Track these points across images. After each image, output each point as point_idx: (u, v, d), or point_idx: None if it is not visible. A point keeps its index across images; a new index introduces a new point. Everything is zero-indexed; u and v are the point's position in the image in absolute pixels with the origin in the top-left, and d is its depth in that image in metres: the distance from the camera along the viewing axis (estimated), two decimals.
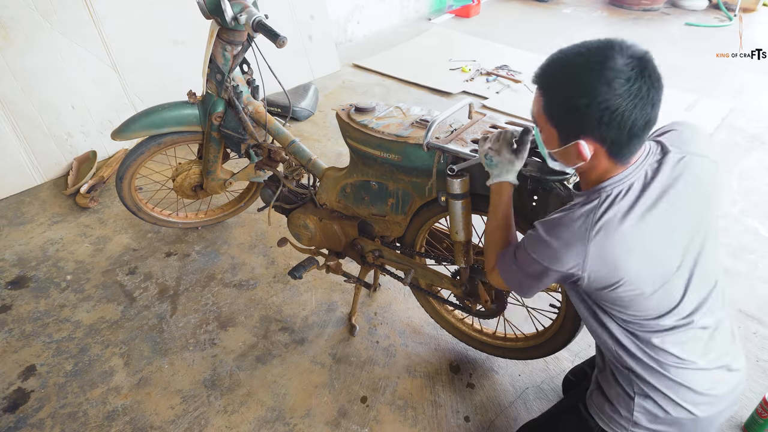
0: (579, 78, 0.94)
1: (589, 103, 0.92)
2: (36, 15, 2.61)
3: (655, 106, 0.95)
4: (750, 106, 3.71)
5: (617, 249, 0.99)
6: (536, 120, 1.07)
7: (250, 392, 1.76)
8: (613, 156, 1.00)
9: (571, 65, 0.96)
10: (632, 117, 0.92)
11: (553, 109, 1.00)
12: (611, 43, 0.94)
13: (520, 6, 6.05)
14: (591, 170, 1.05)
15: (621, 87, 0.90)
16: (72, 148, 2.87)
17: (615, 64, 0.91)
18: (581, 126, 0.96)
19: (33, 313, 2.04)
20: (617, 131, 0.94)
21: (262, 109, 1.94)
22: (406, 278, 1.71)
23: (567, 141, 1.00)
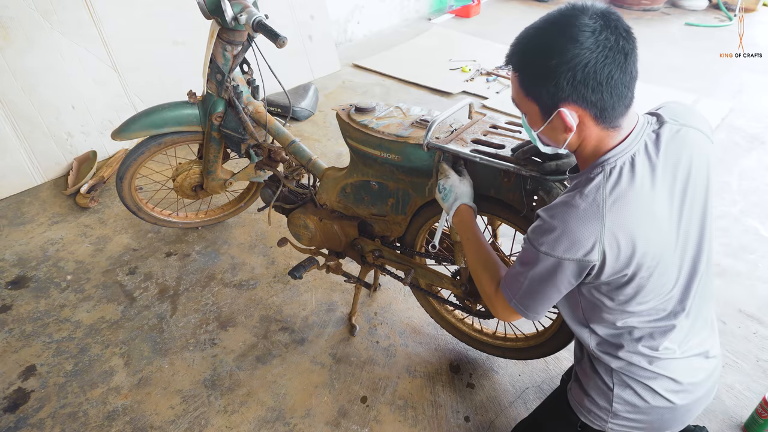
0: (545, 41, 0.93)
1: (559, 62, 0.90)
2: (36, 15, 2.61)
3: (629, 56, 0.93)
4: (750, 106, 3.71)
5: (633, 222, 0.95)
6: (517, 103, 1.05)
7: (250, 392, 1.76)
8: (600, 120, 0.96)
9: (537, 33, 0.95)
10: (606, 69, 0.90)
11: (527, 81, 0.98)
12: (573, 6, 0.93)
13: (520, 6, 6.05)
14: (584, 143, 1.01)
15: (587, 39, 0.89)
16: (72, 148, 2.87)
17: (578, 21, 0.90)
18: (558, 90, 0.93)
19: (33, 313, 2.04)
20: (594, 88, 0.92)
21: (262, 109, 1.94)
22: (406, 278, 1.71)
23: (549, 113, 0.97)
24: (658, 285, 1.03)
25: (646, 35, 5.14)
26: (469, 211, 1.31)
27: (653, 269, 1.00)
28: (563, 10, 0.94)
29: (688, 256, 1.05)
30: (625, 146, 0.99)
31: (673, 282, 1.04)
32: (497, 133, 1.43)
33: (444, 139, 1.40)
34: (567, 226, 0.96)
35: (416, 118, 1.56)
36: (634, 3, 5.85)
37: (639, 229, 0.95)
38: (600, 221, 0.95)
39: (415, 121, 1.54)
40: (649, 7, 5.82)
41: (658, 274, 1.01)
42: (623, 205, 0.95)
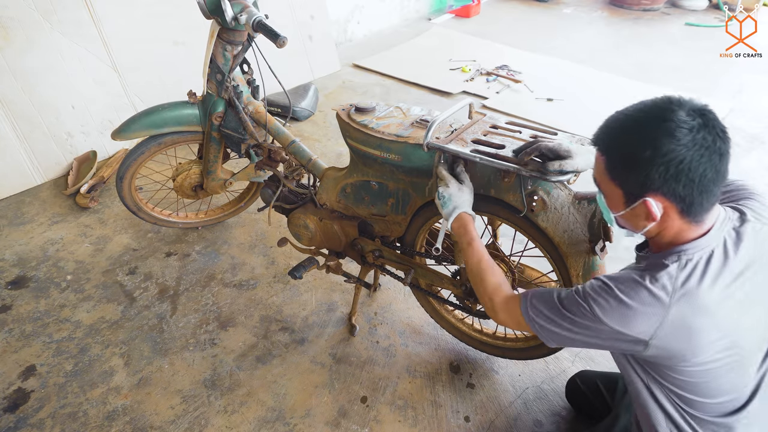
0: (641, 131, 0.93)
1: (653, 155, 0.90)
2: (36, 15, 2.61)
3: (723, 157, 0.92)
4: (750, 106, 3.71)
5: (698, 319, 0.94)
6: (599, 182, 1.04)
7: (250, 392, 1.76)
8: (686, 214, 0.96)
9: (632, 120, 0.95)
10: (700, 168, 0.90)
11: (615, 167, 0.98)
12: (669, 99, 0.93)
13: (520, 6, 6.05)
14: (663, 233, 1.00)
15: (685, 137, 0.89)
16: (72, 148, 2.87)
17: (676, 116, 0.90)
18: (647, 181, 0.93)
19: (33, 313, 2.04)
20: (686, 184, 0.91)
21: (262, 109, 1.94)
22: (406, 278, 1.71)
23: (633, 200, 0.97)
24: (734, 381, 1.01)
25: (646, 35, 5.14)
26: (468, 219, 1.33)
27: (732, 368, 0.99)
28: (659, 102, 0.94)
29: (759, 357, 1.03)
30: (704, 241, 0.99)
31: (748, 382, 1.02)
32: (497, 133, 1.43)
33: (444, 139, 1.39)
34: (630, 303, 0.96)
35: (416, 118, 1.56)
36: (634, 3, 5.85)
37: (703, 327, 0.94)
38: (664, 310, 0.95)
39: (415, 121, 1.54)
40: (649, 7, 5.82)
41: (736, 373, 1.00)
42: (691, 300, 0.94)
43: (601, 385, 1.58)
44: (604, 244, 1.32)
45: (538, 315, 1.10)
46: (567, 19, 5.63)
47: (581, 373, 1.69)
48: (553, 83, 3.98)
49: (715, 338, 0.96)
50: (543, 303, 1.10)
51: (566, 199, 1.33)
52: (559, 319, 1.05)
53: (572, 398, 1.70)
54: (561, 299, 1.06)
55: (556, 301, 1.07)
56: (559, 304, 1.06)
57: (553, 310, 1.07)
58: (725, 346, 0.97)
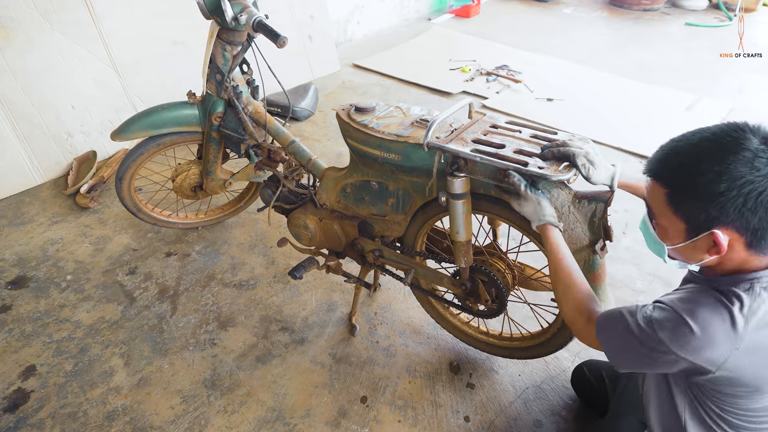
0: (713, 161, 0.87)
1: (730, 186, 0.85)
2: (36, 15, 2.61)
3: None
4: (750, 106, 3.71)
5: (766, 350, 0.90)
6: (657, 214, 0.99)
7: (250, 392, 1.76)
8: (753, 246, 0.91)
9: (700, 149, 0.90)
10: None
11: (682, 199, 0.92)
12: (738, 125, 0.88)
13: (520, 6, 6.05)
14: (723, 264, 0.96)
15: (765, 167, 0.84)
16: (72, 148, 2.87)
17: (751, 144, 0.85)
18: (720, 214, 0.88)
19: (33, 313, 2.04)
20: (762, 217, 0.86)
21: (261, 109, 1.94)
22: (406, 278, 1.71)
23: (698, 233, 0.92)
24: None
25: (646, 35, 5.14)
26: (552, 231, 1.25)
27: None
28: (727, 129, 0.88)
29: None
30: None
31: None
32: (497, 133, 1.43)
33: (444, 139, 1.39)
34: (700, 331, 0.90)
35: (416, 118, 1.56)
36: (634, 3, 5.85)
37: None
38: (736, 340, 0.90)
39: (415, 121, 1.54)
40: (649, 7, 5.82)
41: None
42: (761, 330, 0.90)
43: (606, 376, 1.60)
44: (605, 243, 1.32)
45: (607, 343, 1.05)
46: (567, 19, 5.63)
47: (589, 361, 1.71)
48: (553, 83, 3.98)
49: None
50: (612, 330, 1.04)
51: (566, 199, 1.33)
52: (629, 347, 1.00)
53: (576, 384, 1.72)
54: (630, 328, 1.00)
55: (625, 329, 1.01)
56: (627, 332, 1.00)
57: (622, 338, 1.02)
58: None
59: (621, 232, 2.47)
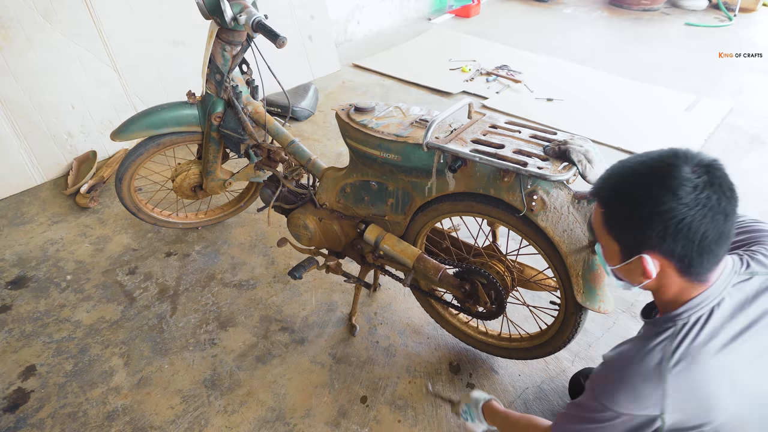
0: (640, 187, 0.89)
1: (652, 212, 0.87)
2: (36, 15, 2.62)
3: (729, 217, 0.87)
4: (750, 106, 3.71)
5: (703, 383, 0.89)
6: (597, 235, 1.01)
7: (250, 392, 1.76)
8: (684, 274, 0.92)
9: (633, 174, 0.91)
10: (701, 229, 0.85)
11: (613, 221, 0.95)
12: (675, 152, 0.89)
13: (520, 6, 6.05)
14: (662, 290, 0.96)
15: (687, 195, 0.84)
16: (72, 148, 2.87)
17: (680, 172, 0.85)
18: (644, 239, 0.89)
19: (33, 313, 2.04)
20: (685, 245, 0.87)
21: (261, 109, 1.94)
22: (406, 279, 1.71)
23: (629, 256, 0.94)
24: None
25: (646, 35, 5.14)
26: (491, 405, 1.39)
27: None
28: (664, 155, 0.89)
29: None
30: (702, 298, 0.94)
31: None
32: (497, 133, 1.43)
33: (444, 139, 1.40)
34: (628, 382, 0.92)
35: (416, 118, 1.56)
36: (634, 3, 5.85)
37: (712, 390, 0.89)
38: (662, 381, 0.90)
39: (414, 121, 1.54)
40: (649, 7, 5.82)
41: None
42: (689, 366, 0.90)
43: None
44: None
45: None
46: (567, 19, 5.63)
47: (585, 370, 1.72)
48: (553, 83, 3.98)
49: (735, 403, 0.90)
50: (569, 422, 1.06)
51: (566, 199, 1.33)
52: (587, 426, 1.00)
53: (573, 393, 1.72)
54: (580, 405, 1.03)
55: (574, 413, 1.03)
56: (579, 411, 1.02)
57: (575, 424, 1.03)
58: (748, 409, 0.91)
59: None
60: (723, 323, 0.92)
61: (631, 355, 0.95)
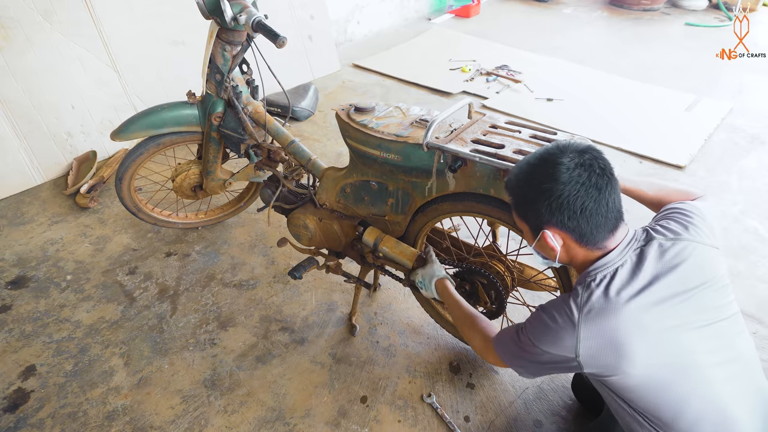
0: (532, 174, 1.08)
1: (539, 192, 1.06)
2: (36, 15, 2.62)
3: (603, 190, 1.04)
4: (750, 106, 3.71)
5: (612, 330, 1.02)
6: (515, 221, 1.18)
7: (250, 392, 1.76)
8: (583, 242, 1.09)
9: (529, 166, 1.10)
10: (579, 201, 1.03)
11: (518, 207, 1.13)
12: (559, 146, 1.08)
13: (520, 6, 6.05)
14: (573, 260, 1.14)
15: (562, 175, 1.03)
16: (72, 148, 2.87)
17: (558, 160, 1.05)
18: (539, 215, 1.07)
19: (33, 313, 2.04)
20: (570, 216, 1.05)
21: (261, 109, 1.94)
22: (406, 279, 1.71)
23: (536, 233, 1.11)
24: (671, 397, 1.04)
25: (646, 35, 5.14)
26: (444, 282, 1.50)
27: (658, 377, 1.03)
28: (550, 148, 1.09)
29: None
30: (606, 260, 1.10)
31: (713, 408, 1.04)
32: (497, 133, 1.43)
33: (444, 139, 1.40)
34: (550, 325, 1.09)
35: (416, 118, 1.56)
36: (634, 3, 5.85)
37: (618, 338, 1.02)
38: (575, 329, 1.05)
39: (414, 121, 1.54)
40: (649, 7, 5.82)
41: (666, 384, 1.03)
42: (596, 316, 1.03)
43: None
44: None
45: (505, 354, 1.22)
46: (567, 19, 5.63)
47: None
48: (553, 83, 3.98)
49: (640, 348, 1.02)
50: (506, 343, 1.22)
51: None
52: (518, 352, 1.17)
53: (576, 389, 1.73)
54: (517, 335, 1.18)
55: (514, 338, 1.19)
56: (515, 340, 1.18)
57: (512, 346, 1.19)
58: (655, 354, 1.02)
59: None
60: (627, 279, 1.06)
61: (555, 304, 1.12)
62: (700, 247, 1.11)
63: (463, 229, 1.93)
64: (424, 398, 1.74)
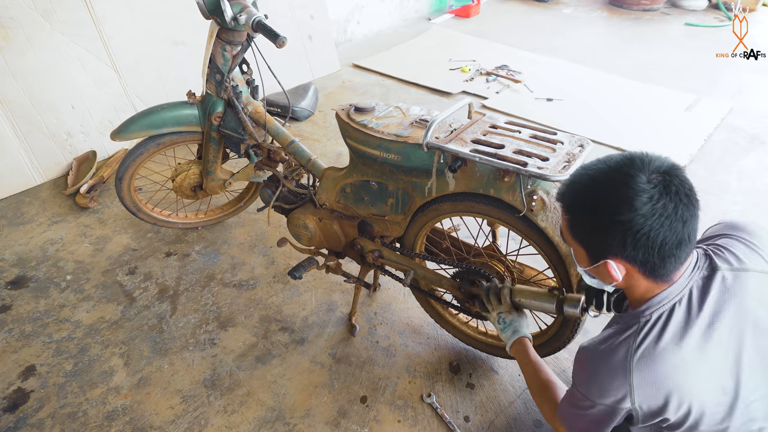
0: (600, 196, 0.92)
1: (611, 223, 0.89)
2: (36, 15, 2.62)
3: (688, 222, 0.89)
4: (750, 106, 3.71)
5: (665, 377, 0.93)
6: (565, 239, 1.05)
7: (250, 392, 1.76)
8: (649, 276, 0.95)
9: (594, 183, 0.94)
10: (660, 236, 0.88)
11: (577, 228, 0.98)
12: (632, 159, 0.91)
13: (520, 6, 6.05)
14: (631, 288, 1.00)
15: (643, 206, 0.86)
16: (72, 148, 2.87)
17: (636, 182, 0.87)
18: (606, 246, 0.93)
19: (33, 313, 2.04)
20: (645, 252, 0.90)
21: (261, 109, 1.94)
22: (405, 279, 1.71)
23: (596, 260, 0.97)
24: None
25: (646, 35, 5.14)
26: (527, 342, 1.39)
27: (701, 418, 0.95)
28: (622, 163, 0.91)
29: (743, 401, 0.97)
30: (664, 296, 0.97)
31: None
32: (497, 133, 1.43)
33: (444, 139, 1.40)
34: (597, 375, 0.98)
35: (416, 118, 1.56)
36: (634, 3, 5.85)
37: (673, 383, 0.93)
38: (627, 376, 0.95)
39: (414, 121, 1.54)
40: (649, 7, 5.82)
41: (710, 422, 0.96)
42: (650, 362, 0.94)
43: None
44: None
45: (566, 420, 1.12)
46: (567, 19, 5.63)
47: None
48: (553, 83, 3.98)
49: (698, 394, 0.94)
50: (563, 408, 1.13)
51: None
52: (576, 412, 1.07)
53: None
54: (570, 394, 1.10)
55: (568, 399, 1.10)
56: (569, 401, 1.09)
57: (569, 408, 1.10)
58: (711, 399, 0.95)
59: None
60: (684, 319, 0.96)
61: (601, 350, 1.00)
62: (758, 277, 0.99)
63: (463, 229, 1.93)
64: (423, 398, 1.73)
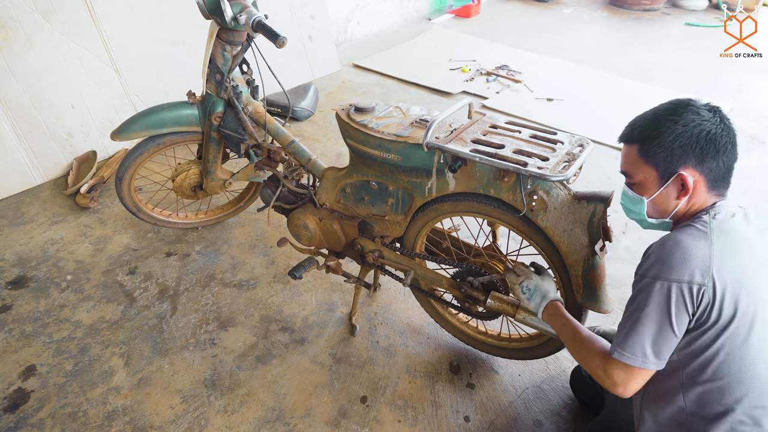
0: (670, 115, 1.09)
1: (684, 129, 1.06)
2: (36, 15, 2.62)
3: (734, 145, 1.09)
4: (750, 106, 3.71)
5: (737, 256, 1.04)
6: (631, 173, 1.16)
7: (250, 392, 1.76)
8: (712, 186, 1.10)
9: (660, 111, 1.11)
10: (723, 140, 1.06)
11: (649, 149, 1.10)
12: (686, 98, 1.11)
13: (520, 6, 6.05)
14: (690, 208, 1.13)
15: (707, 115, 1.07)
16: (72, 148, 2.87)
17: (695, 104, 1.08)
18: (682, 153, 1.07)
19: (33, 313, 2.04)
20: (714, 155, 1.06)
21: (261, 109, 1.94)
22: (405, 279, 1.71)
23: (668, 177, 1.10)
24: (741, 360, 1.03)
25: (646, 35, 5.14)
26: (558, 304, 1.36)
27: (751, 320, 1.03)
28: (678, 99, 1.11)
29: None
30: (723, 203, 1.11)
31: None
32: (497, 133, 1.43)
33: (444, 139, 1.40)
34: (680, 245, 1.04)
35: (416, 118, 1.56)
36: (634, 3, 5.85)
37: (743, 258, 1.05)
38: (709, 244, 1.04)
39: (414, 121, 1.54)
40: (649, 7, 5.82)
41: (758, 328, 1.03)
42: (729, 236, 1.05)
43: None
44: (604, 243, 1.32)
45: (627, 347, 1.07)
46: (567, 19, 5.63)
47: None
48: (553, 83, 3.98)
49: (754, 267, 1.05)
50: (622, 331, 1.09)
51: (566, 199, 1.33)
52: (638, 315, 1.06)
53: (574, 385, 1.74)
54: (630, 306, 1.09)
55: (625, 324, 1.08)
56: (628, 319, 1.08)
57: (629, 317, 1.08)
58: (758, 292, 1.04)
59: (621, 232, 2.47)
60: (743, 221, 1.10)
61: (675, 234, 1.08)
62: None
63: (463, 229, 1.93)
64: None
